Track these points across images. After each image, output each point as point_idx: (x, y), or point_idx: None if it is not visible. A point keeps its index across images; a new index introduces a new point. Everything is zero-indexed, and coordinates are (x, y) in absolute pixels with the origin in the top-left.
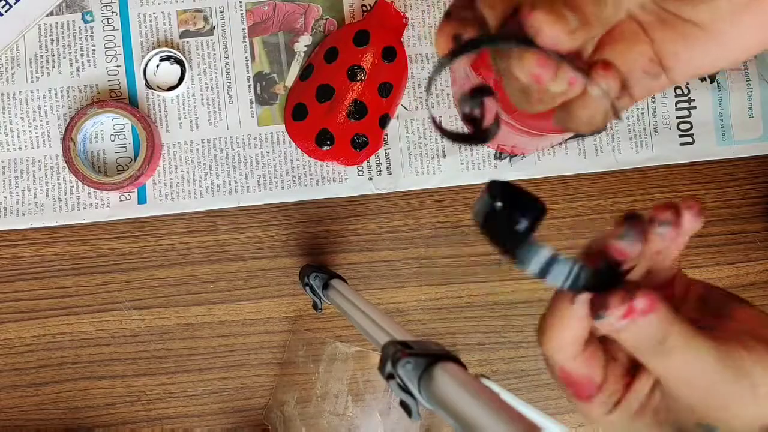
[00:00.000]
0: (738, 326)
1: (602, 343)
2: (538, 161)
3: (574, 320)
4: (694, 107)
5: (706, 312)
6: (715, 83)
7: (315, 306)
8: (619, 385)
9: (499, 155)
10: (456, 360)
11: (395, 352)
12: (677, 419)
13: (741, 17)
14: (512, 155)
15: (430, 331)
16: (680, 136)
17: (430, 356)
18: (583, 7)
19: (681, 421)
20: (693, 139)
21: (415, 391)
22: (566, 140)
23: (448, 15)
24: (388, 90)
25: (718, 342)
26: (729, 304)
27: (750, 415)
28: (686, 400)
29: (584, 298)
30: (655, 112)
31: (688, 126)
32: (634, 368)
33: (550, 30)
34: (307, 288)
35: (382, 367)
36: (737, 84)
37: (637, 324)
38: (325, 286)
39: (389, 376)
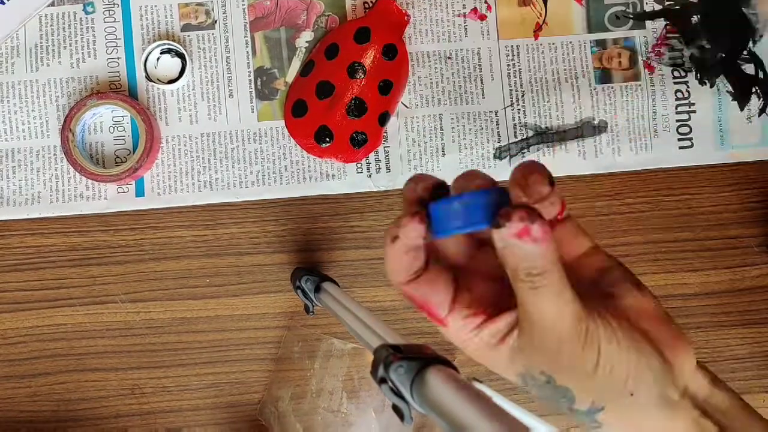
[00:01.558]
0: (616, 309)
1: (459, 273)
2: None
3: (400, 246)
4: (694, 111)
5: (597, 286)
6: (715, 87)
7: (307, 309)
8: (477, 310)
9: (499, 155)
10: (448, 363)
11: (387, 356)
12: (528, 363)
13: None
14: (512, 155)
15: (425, 329)
16: (679, 139)
17: (422, 360)
18: None
19: (530, 365)
20: (692, 142)
21: (407, 395)
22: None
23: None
24: (388, 88)
25: (583, 304)
26: (624, 285)
27: (589, 388)
28: (539, 345)
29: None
30: (655, 114)
31: (687, 129)
32: (496, 306)
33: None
34: (299, 291)
35: (374, 371)
36: None
37: (523, 248)
38: (317, 289)
39: (381, 380)
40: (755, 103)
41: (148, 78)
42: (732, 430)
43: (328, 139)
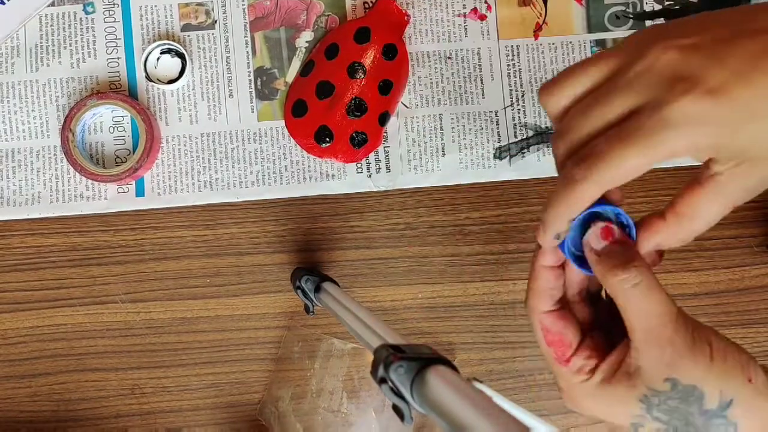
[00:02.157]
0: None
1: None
2: (538, 162)
3: (545, 269)
4: None
5: None
6: None
7: (307, 309)
8: (595, 354)
9: (499, 155)
10: (448, 363)
11: (387, 356)
12: (648, 376)
13: None
14: (512, 155)
15: (425, 329)
16: None
17: (422, 360)
18: None
19: (650, 378)
20: None
21: (407, 395)
22: None
23: None
24: (389, 88)
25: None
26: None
27: (713, 380)
28: (654, 351)
29: (551, 249)
30: None
31: None
32: (610, 345)
33: None
34: (299, 291)
35: (374, 371)
36: None
37: (611, 246)
38: (317, 289)
39: (381, 380)
40: None
41: (148, 78)
42: None
43: (328, 139)
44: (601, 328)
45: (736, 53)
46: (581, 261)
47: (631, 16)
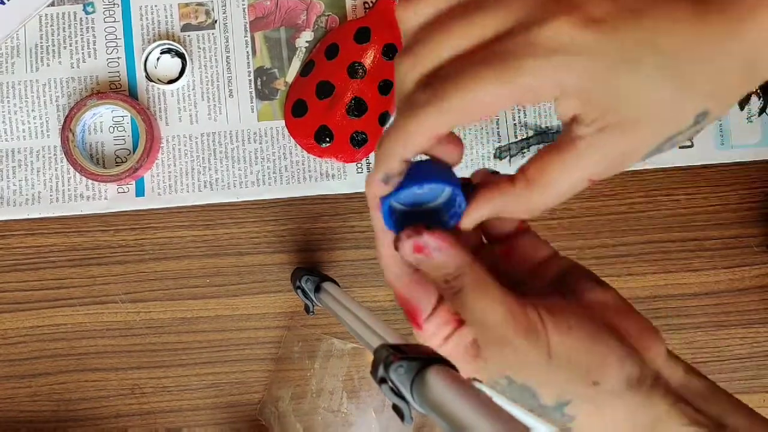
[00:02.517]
0: (579, 306)
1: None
2: None
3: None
4: None
5: (560, 287)
6: None
7: (307, 309)
8: (453, 320)
9: (499, 154)
10: (448, 363)
11: (387, 356)
12: (487, 368)
13: None
14: (512, 155)
15: None
16: None
17: (422, 360)
18: None
19: (489, 370)
20: (692, 142)
21: (407, 395)
22: None
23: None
24: (389, 88)
25: (519, 299)
26: (585, 283)
27: (549, 381)
28: (487, 346)
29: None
30: None
31: None
32: None
33: None
34: (299, 291)
35: (374, 371)
36: None
37: (429, 260)
38: (317, 289)
39: (381, 380)
40: (755, 102)
41: (148, 78)
42: (709, 412)
43: (328, 139)
44: None
45: None
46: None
47: None
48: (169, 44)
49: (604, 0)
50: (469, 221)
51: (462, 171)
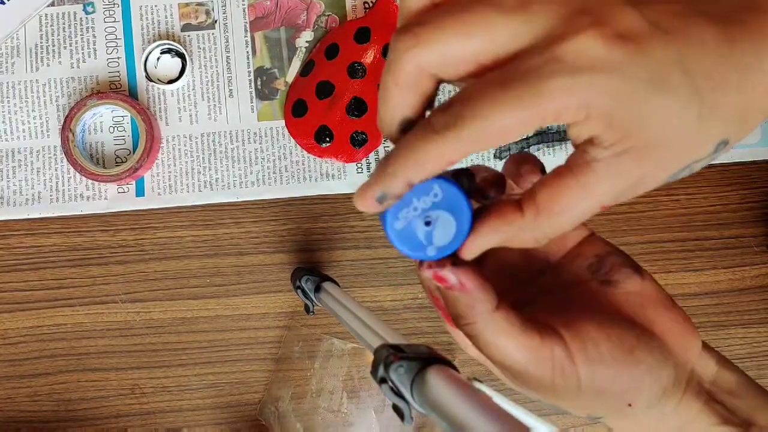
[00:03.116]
0: (615, 297)
1: None
2: None
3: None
4: None
5: (596, 273)
6: None
7: (307, 309)
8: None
9: (499, 154)
10: (448, 363)
11: (387, 356)
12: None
13: None
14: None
15: (425, 329)
16: None
17: (423, 360)
18: None
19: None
20: None
21: (407, 395)
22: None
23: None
24: None
25: (536, 333)
26: (623, 270)
27: (581, 406)
28: (512, 379)
29: None
30: None
31: None
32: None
33: None
34: (299, 291)
35: (374, 371)
36: None
37: (445, 292)
38: (317, 289)
39: (381, 380)
40: None
41: (148, 78)
42: (740, 411)
43: (328, 139)
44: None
45: (660, 5)
46: (405, 235)
47: None
48: (169, 44)
49: (633, 15)
50: (470, 252)
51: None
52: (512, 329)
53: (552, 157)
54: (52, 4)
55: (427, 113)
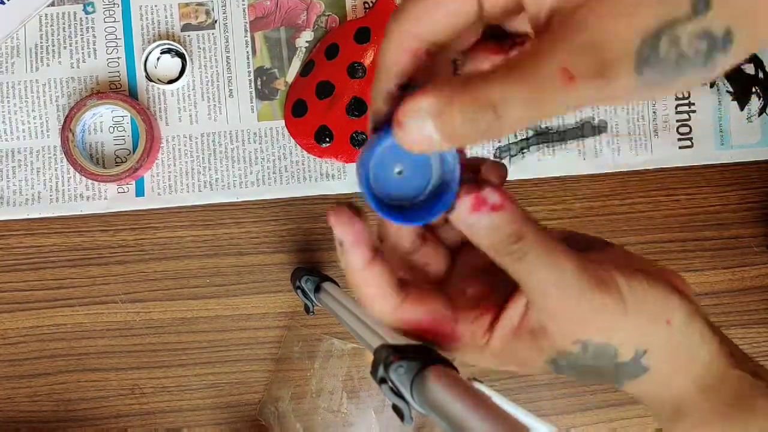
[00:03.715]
0: (601, 257)
1: (444, 284)
2: (538, 162)
3: (367, 273)
4: (694, 111)
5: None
6: (715, 87)
7: (307, 309)
8: (481, 312)
9: (499, 154)
10: (448, 363)
11: (387, 357)
12: (556, 339)
13: None
14: (512, 155)
15: None
16: (679, 139)
17: (422, 360)
18: None
19: (559, 340)
20: (692, 142)
21: (407, 396)
22: None
23: None
24: None
25: (576, 254)
26: (596, 242)
27: (627, 333)
28: (559, 312)
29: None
30: (655, 114)
31: (687, 129)
32: (498, 298)
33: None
34: (299, 291)
35: (374, 371)
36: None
37: (490, 218)
38: (317, 289)
39: (381, 381)
40: (755, 102)
41: (148, 78)
42: (748, 363)
43: (328, 139)
44: (462, 272)
45: None
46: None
47: None
48: (169, 44)
49: None
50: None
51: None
52: (556, 240)
53: (552, 158)
54: (52, 4)
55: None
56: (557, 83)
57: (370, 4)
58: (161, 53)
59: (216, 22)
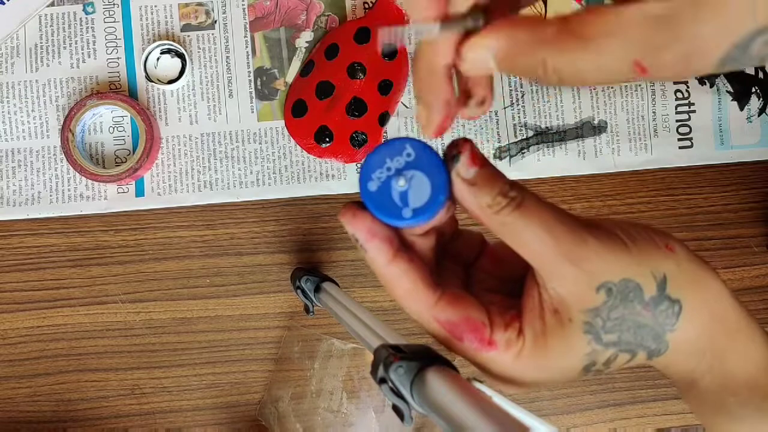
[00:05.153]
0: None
1: (466, 288)
2: (538, 162)
3: (393, 268)
4: (694, 111)
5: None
6: (714, 87)
7: (306, 309)
8: (508, 312)
9: (499, 155)
10: (448, 363)
11: (387, 357)
12: (578, 300)
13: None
14: (512, 156)
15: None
16: (679, 139)
17: (422, 360)
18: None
19: (581, 299)
20: (692, 142)
21: (407, 396)
22: None
23: None
24: (388, 88)
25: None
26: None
27: (639, 265)
28: (559, 272)
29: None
30: (654, 114)
31: (687, 129)
32: (513, 301)
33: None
34: (299, 291)
35: (374, 372)
36: None
37: (487, 170)
38: (317, 290)
39: (381, 381)
40: (755, 102)
41: (148, 78)
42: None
43: (328, 139)
44: (484, 279)
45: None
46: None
47: None
48: (168, 44)
49: None
50: (471, 56)
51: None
52: (543, 199)
53: (552, 158)
54: (52, 5)
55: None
56: (626, 73)
57: (370, 4)
58: (161, 53)
59: (216, 22)
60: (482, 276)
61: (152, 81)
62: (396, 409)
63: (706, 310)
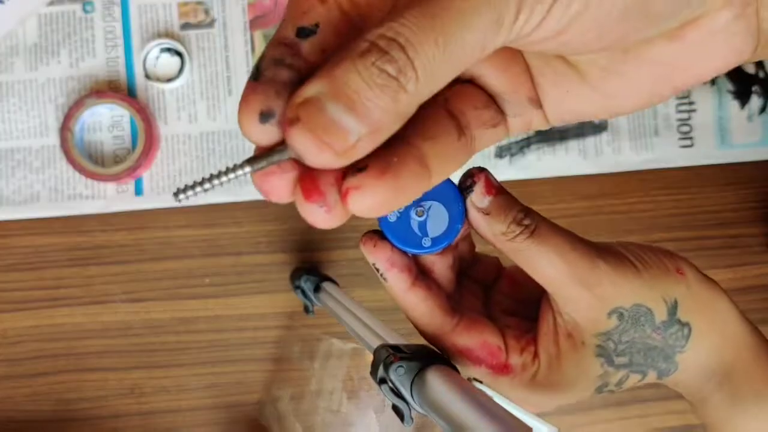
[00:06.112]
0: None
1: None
2: (539, 161)
3: (411, 296)
4: (695, 110)
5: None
6: (715, 86)
7: (306, 309)
8: (524, 336)
9: (500, 153)
10: (448, 363)
11: (387, 357)
12: (591, 324)
13: (623, 68)
14: (512, 154)
15: None
16: (680, 138)
17: (422, 360)
18: (371, 107)
19: (594, 324)
20: (692, 142)
21: (407, 396)
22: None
23: (256, 76)
24: None
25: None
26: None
27: (645, 289)
28: (573, 296)
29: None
30: (655, 113)
31: (687, 129)
32: (529, 327)
33: (316, 158)
34: (298, 291)
35: (374, 372)
36: None
37: (501, 198)
38: (317, 289)
39: (381, 381)
40: (756, 101)
41: (147, 77)
42: None
43: None
44: (497, 303)
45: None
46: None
47: None
48: (168, 43)
49: None
50: None
51: (461, 169)
52: (555, 224)
53: (552, 157)
54: (51, 3)
55: None
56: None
57: None
58: (160, 52)
59: (215, 20)
60: (500, 298)
61: (151, 80)
62: (396, 409)
63: (715, 330)
